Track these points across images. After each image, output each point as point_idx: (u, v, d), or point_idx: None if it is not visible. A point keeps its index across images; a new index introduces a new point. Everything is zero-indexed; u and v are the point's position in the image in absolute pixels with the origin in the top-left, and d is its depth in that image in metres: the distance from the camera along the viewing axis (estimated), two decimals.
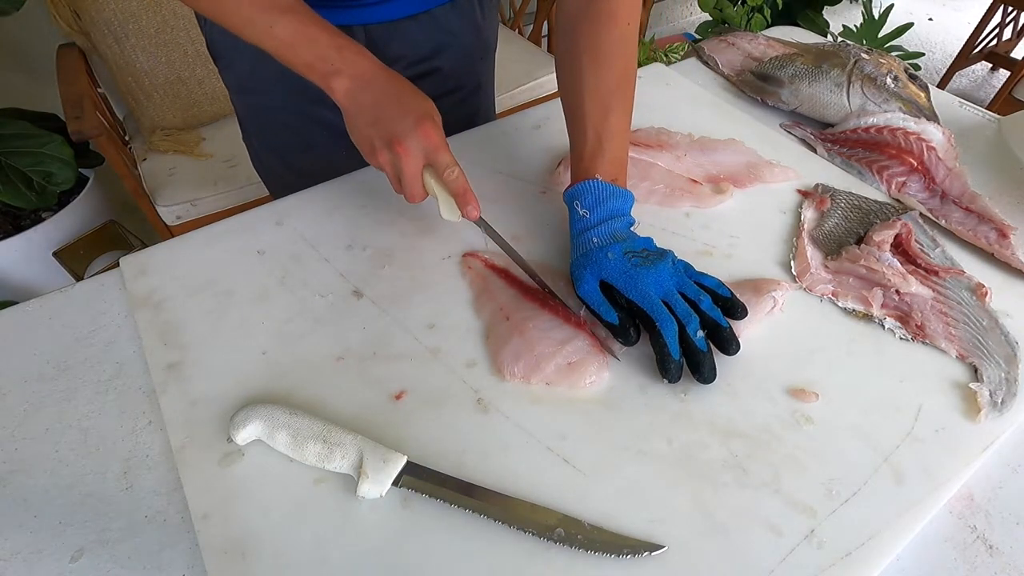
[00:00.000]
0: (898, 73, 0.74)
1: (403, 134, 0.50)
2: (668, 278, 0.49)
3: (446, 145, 0.52)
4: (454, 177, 0.52)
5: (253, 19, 0.50)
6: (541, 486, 0.41)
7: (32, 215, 1.40)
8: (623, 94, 0.57)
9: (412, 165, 0.51)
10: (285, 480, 0.42)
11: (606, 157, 0.55)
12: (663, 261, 0.50)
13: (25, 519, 0.41)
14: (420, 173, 0.52)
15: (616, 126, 0.56)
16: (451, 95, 0.78)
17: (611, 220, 0.53)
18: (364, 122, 0.52)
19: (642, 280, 0.49)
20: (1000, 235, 0.59)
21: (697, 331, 0.47)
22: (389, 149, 0.51)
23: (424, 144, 0.51)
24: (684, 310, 0.48)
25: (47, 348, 0.51)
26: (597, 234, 0.53)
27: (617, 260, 0.50)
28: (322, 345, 0.50)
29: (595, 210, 0.53)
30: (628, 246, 0.52)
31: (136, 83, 1.35)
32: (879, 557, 0.39)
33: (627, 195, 0.55)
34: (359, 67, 0.52)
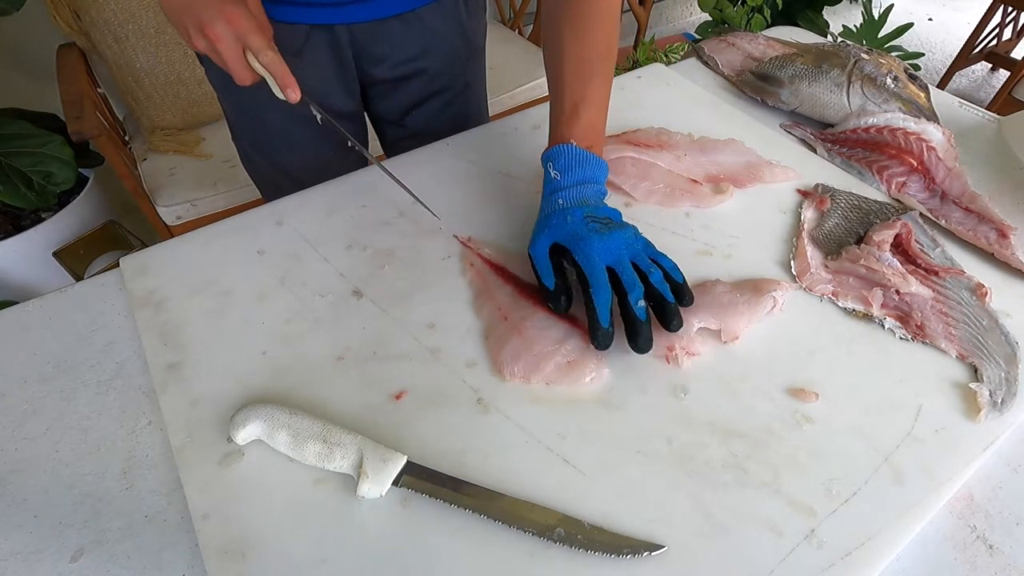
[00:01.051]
0: (898, 73, 0.74)
1: (209, 20, 0.50)
2: (621, 247, 0.49)
3: (255, 27, 0.52)
4: (268, 60, 0.52)
5: None
6: (541, 486, 0.41)
7: (32, 215, 1.40)
8: (603, 65, 0.58)
9: (228, 50, 0.51)
10: (285, 480, 0.42)
11: (581, 123, 0.56)
12: (622, 231, 0.50)
13: (25, 519, 0.41)
14: (239, 57, 0.52)
15: (594, 95, 0.57)
16: (439, 96, 0.78)
17: (582, 185, 0.54)
18: (175, 10, 0.52)
19: (592, 244, 0.49)
20: (1000, 235, 0.59)
21: (639, 300, 0.47)
22: (203, 35, 0.51)
23: (232, 29, 0.51)
24: (630, 279, 0.48)
25: (47, 348, 0.51)
26: (564, 196, 0.53)
27: (575, 223, 0.51)
28: (322, 345, 0.50)
29: (567, 173, 0.54)
30: (592, 211, 0.52)
31: (136, 83, 1.35)
32: (879, 557, 0.39)
33: (601, 163, 0.55)
34: None
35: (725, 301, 0.52)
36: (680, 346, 0.49)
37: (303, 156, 0.75)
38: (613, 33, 0.59)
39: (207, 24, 0.50)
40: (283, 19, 0.63)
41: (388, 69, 0.73)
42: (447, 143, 0.72)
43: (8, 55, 1.43)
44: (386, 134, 0.86)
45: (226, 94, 0.74)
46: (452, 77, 0.78)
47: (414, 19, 0.69)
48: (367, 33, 0.68)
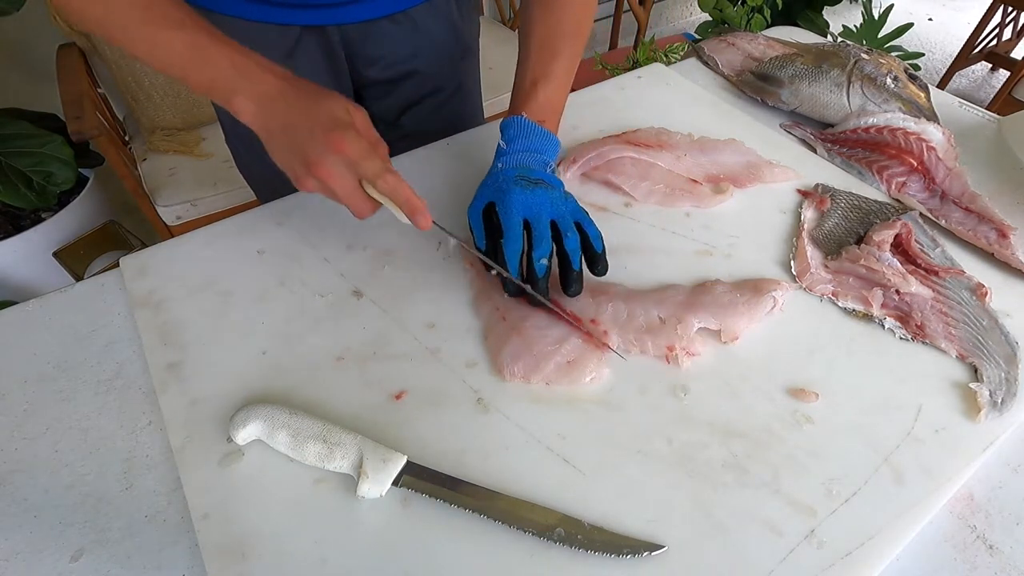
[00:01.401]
0: (898, 73, 0.74)
1: (318, 155, 0.44)
2: (544, 203, 0.50)
3: (369, 151, 0.46)
4: (390, 187, 0.46)
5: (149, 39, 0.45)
6: (541, 486, 0.41)
7: (32, 215, 1.39)
8: (569, 43, 0.59)
9: (341, 185, 0.45)
10: (285, 480, 0.42)
11: (538, 99, 0.57)
12: (548, 190, 0.51)
13: (25, 519, 0.41)
14: (356, 190, 0.46)
15: (555, 72, 0.58)
16: (432, 97, 0.78)
17: (525, 153, 0.55)
18: (278, 149, 0.47)
19: (512, 196, 0.50)
20: (1000, 235, 0.59)
21: (541, 258, 0.48)
22: (311, 175, 0.45)
23: (343, 159, 0.45)
24: (540, 235, 0.49)
25: (47, 348, 0.51)
26: (504, 160, 0.55)
27: (505, 180, 0.52)
28: (322, 345, 0.50)
29: (512, 143, 0.56)
30: (525, 172, 0.53)
31: (136, 83, 1.35)
32: (879, 557, 0.39)
33: (549, 137, 0.57)
34: (259, 83, 0.46)
35: (725, 301, 0.52)
36: (680, 346, 0.49)
37: None
38: (584, 12, 0.60)
39: (316, 161, 0.44)
40: (274, 21, 0.63)
41: (381, 70, 0.72)
42: (447, 143, 0.72)
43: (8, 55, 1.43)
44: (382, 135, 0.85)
45: None
46: (445, 78, 0.77)
47: (406, 20, 0.68)
48: (359, 34, 0.68)
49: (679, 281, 0.55)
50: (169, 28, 0.45)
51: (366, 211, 0.47)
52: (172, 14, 0.46)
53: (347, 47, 0.69)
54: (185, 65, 0.46)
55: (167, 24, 0.45)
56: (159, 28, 0.45)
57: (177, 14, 0.46)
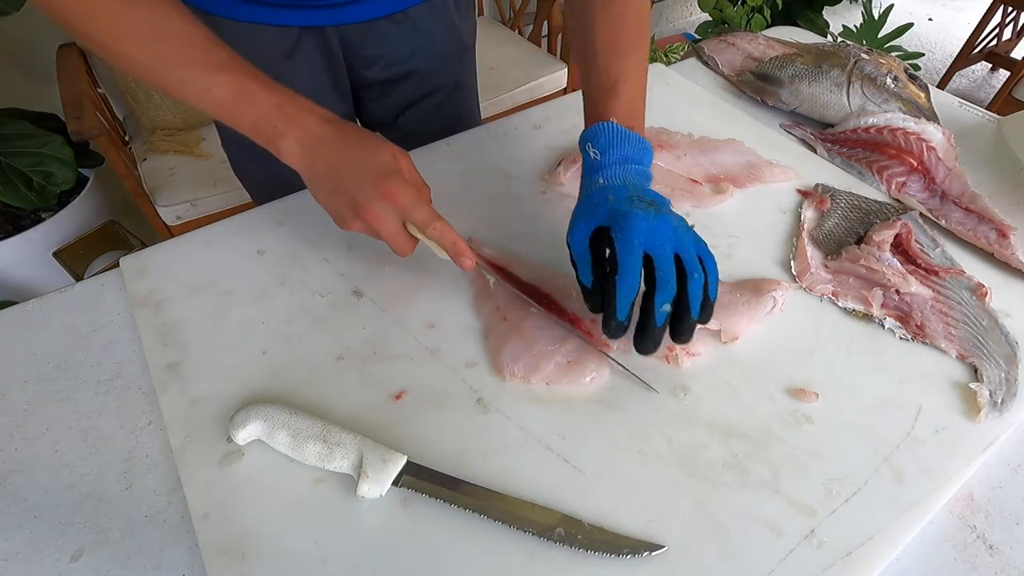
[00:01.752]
0: (898, 73, 0.74)
1: (367, 201, 0.46)
2: (668, 233, 0.43)
3: (418, 199, 0.47)
4: (438, 234, 0.47)
5: (189, 81, 0.45)
6: (541, 486, 0.41)
7: (32, 215, 1.40)
8: (637, 42, 0.54)
9: (388, 228, 0.47)
10: (285, 480, 0.42)
11: (622, 100, 0.51)
12: (672, 217, 0.45)
13: (25, 519, 0.41)
14: (401, 232, 0.48)
15: (633, 69, 0.53)
16: (431, 97, 0.78)
17: (625, 164, 0.49)
18: (324, 192, 0.48)
19: (633, 223, 0.43)
20: (1000, 235, 0.59)
21: (664, 304, 0.42)
22: (359, 218, 0.47)
23: (393, 206, 0.46)
24: (666, 276, 0.42)
25: (47, 348, 0.51)
26: (606, 175, 0.48)
27: (618, 201, 0.45)
28: (322, 345, 0.50)
29: (608, 152, 0.49)
30: (637, 192, 0.46)
31: (136, 83, 1.35)
32: (879, 557, 0.39)
33: (645, 144, 0.51)
34: (305, 126, 0.47)
35: (725, 301, 0.52)
36: (680, 346, 0.49)
37: None
38: (644, 8, 0.55)
39: (365, 207, 0.46)
40: (273, 22, 0.63)
41: (380, 70, 0.72)
42: (447, 143, 0.72)
43: (8, 55, 1.43)
44: None
45: None
46: (443, 77, 0.77)
47: (404, 20, 0.68)
48: (358, 34, 0.68)
49: None
50: (212, 71, 0.44)
51: (408, 250, 0.49)
52: (215, 55, 0.45)
53: (346, 48, 0.69)
54: (230, 108, 0.46)
55: (210, 66, 0.44)
56: (202, 71, 0.44)
57: (220, 55, 0.45)
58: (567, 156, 0.68)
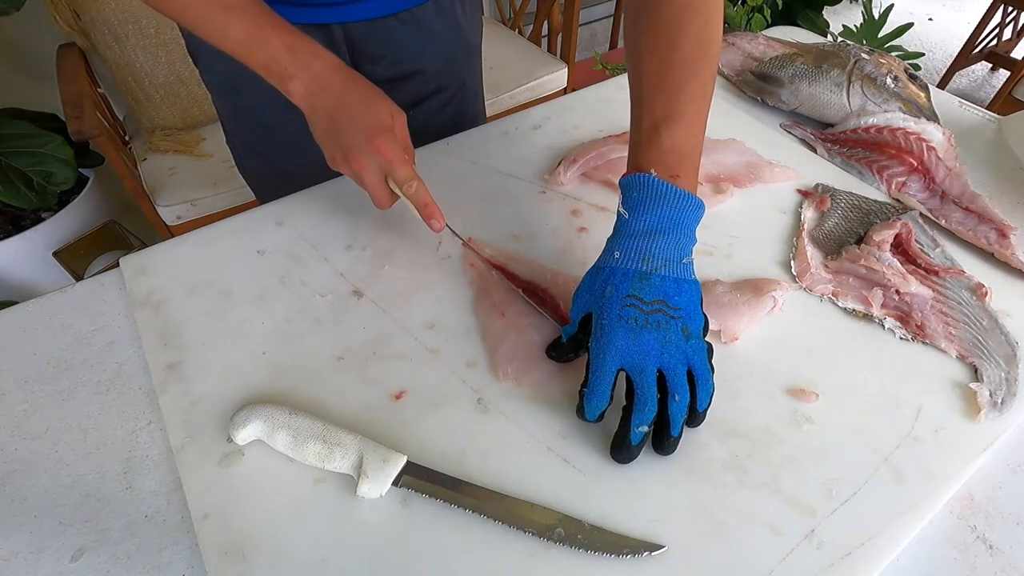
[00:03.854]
0: (898, 73, 0.74)
1: (357, 150, 0.49)
2: (650, 351, 0.40)
3: (402, 158, 0.50)
4: (413, 191, 0.51)
5: (207, 18, 0.49)
6: (541, 486, 0.41)
7: (32, 215, 1.40)
8: (692, 72, 0.46)
9: (371, 179, 0.51)
10: (285, 480, 0.42)
11: (662, 147, 0.44)
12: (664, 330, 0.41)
13: (25, 519, 0.41)
14: (382, 184, 0.51)
15: (681, 109, 0.45)
16: (436, 96, 0.78)
17: (653, 236, 0.42)
18: (322, 131, 0.51)
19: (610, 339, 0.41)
20: (1000, 235, 0.59)
21: (640, 425, 0.40)
22: (348, 164, 0.51)
23: (379, 159, 0.50)
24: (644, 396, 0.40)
25: (47, 348, 0.51)
26: (623, 249, 0.43)
27: (611, 301, 0.42)
28: (322, 345, 0.50)
29: (637, 212, 0.43)
30: (639, 289, 0.41)
31: (136, 83, 1.35)
32: (879, 557, 0.39)
33: (689, 200, 0.43)
34: (314, 69, 0.50)
35: (725, 301, 0.52)
36: None
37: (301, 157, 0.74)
38: (706, 31, 0.47)
39: (354, 154, 0.50)
40: None
41: (385, 68, 0.72)
42: (447, 143, 0.72)
43: (8, 55, 1.43)
44: None
45: (221, 96, 0.73)
46: (449, 77, 0.77)
47: (410, 19, 0.68)
48: (363, 33, 0.68)
49: None
50: (228, 10, 0.48)
51: (387, 204, 0.53)
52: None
53: (351, 45, 0.69)
54: (244, 47, 0.49)
55: (226, 6, 0.48)
56: (218, 11, 0.48)
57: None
58: (567, 156, 0.68)
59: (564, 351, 0.47)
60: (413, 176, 0.51)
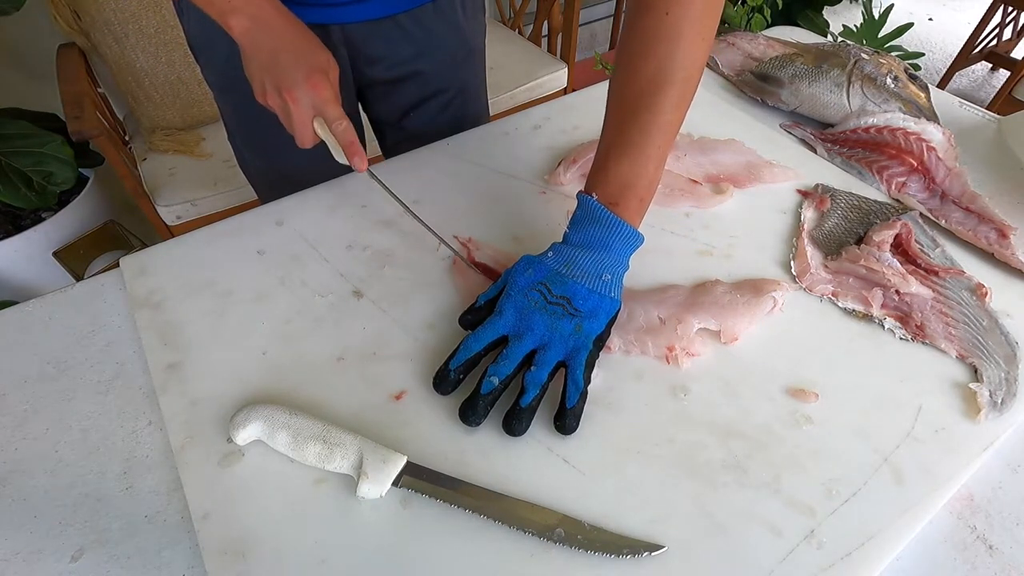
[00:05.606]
0: (898, 73, 0.74)
1: (293, 84, 0.52)
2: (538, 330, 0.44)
3: (335, 98, 0.53)
4: (342, 129, 0.53)
5: None
6: (541, 486, 0.41)
7: (32, 215, 1.39)
8: (645, 105, 0.46)
9: (301, 113, 0.53)
10: (285, 480, 0.42)
11: (608, 175, 0.48)
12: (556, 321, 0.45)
13: (25, 519, 0.41)
14: (309, 121, 0.53)
15: (629, 139, 0.47)
16: (436, 98, 0.77)
17: (584, 250, 0.47)
18: (258, 65, 0.53)
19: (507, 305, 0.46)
20: (1000, 235, 0.59)
21: (493, 375, 0.43)
22: (279, 95, 0.52)
23: (313, 96, 0.52)
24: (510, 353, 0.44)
25: (47, 348, 0.51)
26: (557, 250, 0.48)
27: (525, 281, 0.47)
28: (322, 345, 0.50)
29: (576, 228, 0.48)
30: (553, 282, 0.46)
31: (136, 83, 1.35)
32: (879, 557, 0.39)
33: (621, 228, 0.46)
34: (258, 7, 0.52)
35: (725, 301, 0.52)
36: (680, 346, 0.49)
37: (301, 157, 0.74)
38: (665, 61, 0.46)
39: (288, 88, 0.52)
40: None
41: (384, 70, 0.72)
42: (447, 143, 0.72)
43: (8, 55, 1.43)
44: (385, 136, 0.85)
45: (223, 95, 0.73)
46: (449, 79, 0.77)
47: (409, 20, 0.68)
48: (362, 34, 0.68)
49: (679, 281, 0.55)
50: None
51: (309, 143, 0.55)
52: None
53: (350, 47, 0.69)
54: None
55: None
56: None
57: None
58: (567, 156, 0.68)
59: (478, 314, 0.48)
60: (343, 116, 0.53)
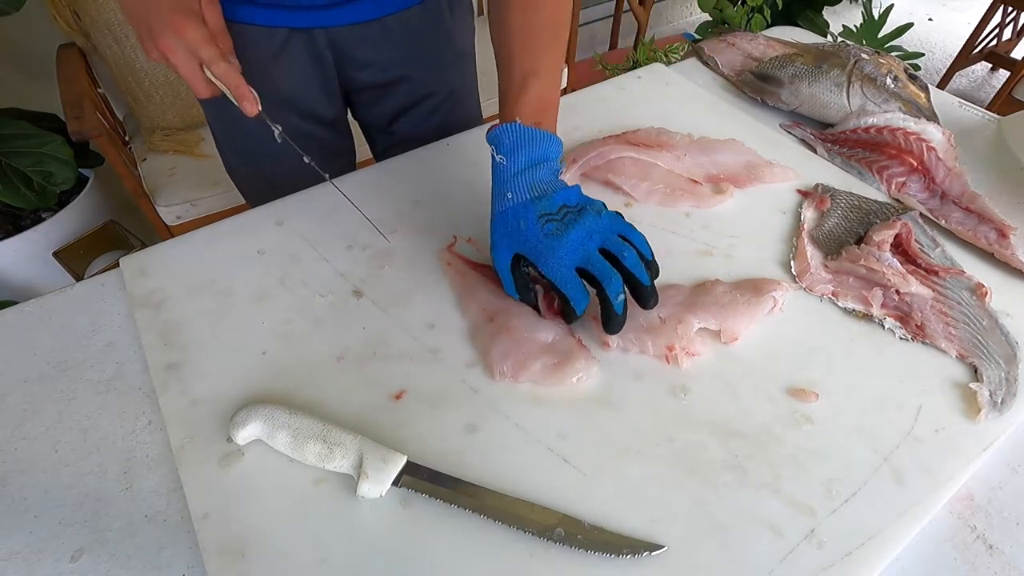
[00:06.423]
0: (898, 73, 0.74)
1: (159, 30, 0.47)
2: (585, 239, 0.47)
3: (206, 38, 0.48)
4: (221, 72, 0.49)
5: None
6: (541, 486, 0.41)
7: (32, 215, 1.39)
8: (554, 36, 0.54)
9: (180, 61, 0.48)
10: (285, 480, 0.42)
11: (530, 96, 0.52)
12: (581, 220, 0.48)
13: (25, 519, 0.41)
14: (196, 69, 0.49)
15: (546, 67, 0.53)
16: (426, 102, 0.76)
17: (531, 169, 0.50)
18: (131, 13, 0.49)
19: (554, 253, 0.47)
20: (1000, 235, 0.59)
21: (618, 294, 0.46)
22: (155, 47, 0.48)
23: (182, 39, 0.47)
24: (605, 272, 0.46)
25: (47, 348, 0.51)
26: (513, 187, 0.50)
27: (529, 227, 0.48)
28: (322, 345, 0.50)
29: (513, 156, 0.50)
30: (544, 207, 0.49)
31: (136, 83, 1.35)
32: (879, 557, 0.39)
33: (551, 139, 0.52)
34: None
35: (725, 301, 0.52)
36: (680, 346, 0.49)
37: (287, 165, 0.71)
38: (562, 10, 0.55)
39: (158, 35, 0.48)
40: (260, 23, 0.62)
41: (371, 75, 0.71)
42: (447, 143, 0.72)
43: (8, 55, 1.43)
44: (376, 141, 0.84)
45: (207, 102, 0.71)
46: (438, 83, 0.76)
47: (395, 24, 0.67)
48: (347, 38, 0.67)
49: (679, 281, 0.55)
50: None
51: (203, 92, 0.50)
52: None
53: (335, 51, 0.68)
54: None
55: None
56: None
57: None
58: (567, 156, 0.68)
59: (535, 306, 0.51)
60: (219, 57, 0.48)
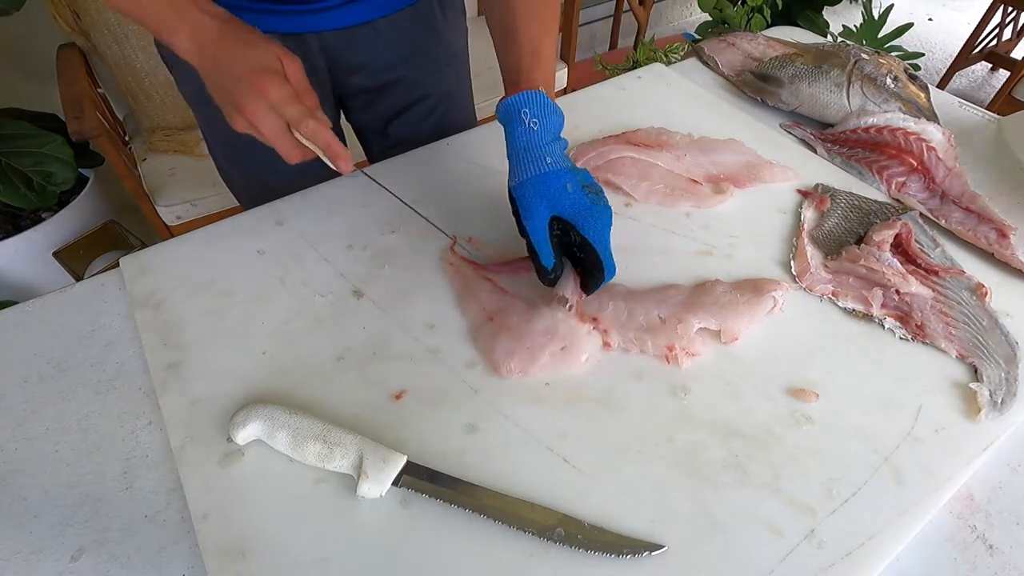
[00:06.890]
0: (898, 73, 0.74)
1: (243, 97, 0.46)
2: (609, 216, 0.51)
3: (290, 96, 0.46)
4: (309, 131, 0.47)
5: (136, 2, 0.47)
6: (541, 486, 0.41)
7: (32, 215, 1.39)
8: (551, 14, 0.56)
9: (268, 127, 0.47)
10: (285, 480, 0.42)
11: (544, 70, 0.54)
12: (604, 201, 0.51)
13: (25, 519, 0.41)
14: (284, 133, 0.47)
15: (548, 43, 0.55)
16: (420, 104, 0.76)
17: (557, 141, 0.52)
18: (214, 87, 0.48)
19: (601, 219, 0.49)
20: (1000, 235, 0.59)
21: None
22: (241, 116, 0.47)
23: (267, 103, 0.46)
24: None
25: (47, 348, 0.51)
26: (552, 153, 0.51)
27: (576, 194, 0.50)
28: (322, 345, 0.50)
29: (543, 123, 0.51)
30: (584, 178, 0.51)
31: (136, 83, 1.35)
32: (879, 557, 0.39)
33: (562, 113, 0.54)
34: (196, 24, 0.47)
35: (725, 301, 0.52)
36: (680, 346, 0.49)
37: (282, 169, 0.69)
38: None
39: (243, 103, 0.46)
40: None
41: (364, 78, 0.71)
42: (447, 143, 0.72)
43: (8, 55, 1.43)
44: (371, 144, 0.84)
45: (199, 109, 0.71)
46: (432, 85, 0.76)
47: (387, 26, 0.67)
48: (340, 42, 0.66)
49: (679, 281, 0.55)
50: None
51: (294, 156, 0.48)
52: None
53: (327, 55, 0.68)
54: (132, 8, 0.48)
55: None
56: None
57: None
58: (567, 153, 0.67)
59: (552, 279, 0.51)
60: (307, 114, 0.47)
